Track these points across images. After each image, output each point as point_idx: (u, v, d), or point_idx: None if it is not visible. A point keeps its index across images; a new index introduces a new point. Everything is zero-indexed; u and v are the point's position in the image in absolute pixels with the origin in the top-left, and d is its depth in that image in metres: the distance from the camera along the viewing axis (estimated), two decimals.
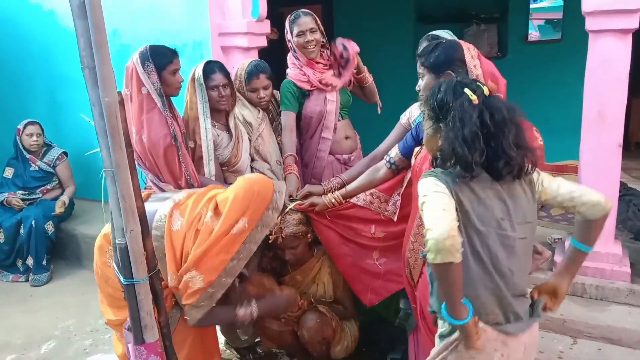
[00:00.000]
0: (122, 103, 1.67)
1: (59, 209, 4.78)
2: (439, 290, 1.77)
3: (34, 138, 4.80)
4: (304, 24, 3.19)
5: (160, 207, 2.47)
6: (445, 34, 2.93)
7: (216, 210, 2.41)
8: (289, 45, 3.30)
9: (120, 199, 1.68)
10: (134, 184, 1.72)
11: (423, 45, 2.70)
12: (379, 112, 3.58)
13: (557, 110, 5.76)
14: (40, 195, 4.86)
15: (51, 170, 4.91)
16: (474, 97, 1.76)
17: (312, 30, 3.21)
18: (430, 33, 2.94)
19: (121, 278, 1.80)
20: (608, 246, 3.48)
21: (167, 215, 2.41)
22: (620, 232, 3.90)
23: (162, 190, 2.92)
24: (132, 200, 1.70)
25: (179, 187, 2.88)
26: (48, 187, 4.92)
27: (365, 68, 3.42)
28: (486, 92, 1.81)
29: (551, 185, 1.89)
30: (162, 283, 2.29)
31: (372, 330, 3.18)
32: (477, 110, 1.75)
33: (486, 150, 1.74)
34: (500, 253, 1.78)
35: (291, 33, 3.23)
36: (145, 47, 2.82)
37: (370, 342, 3.18)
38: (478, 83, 1.84)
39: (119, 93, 1.65)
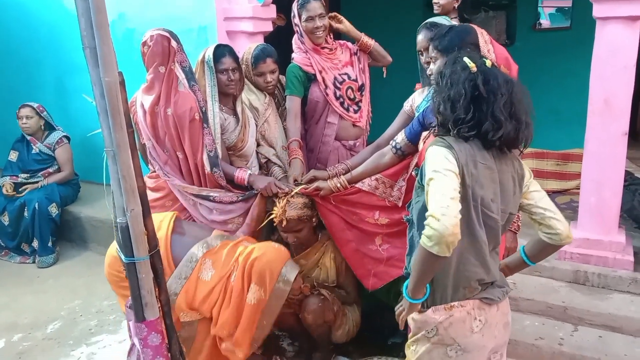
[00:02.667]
0: (122, 83, 1.69)
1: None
2: (413, 269, 1.82)
3: (24, 120, 4.81)
4: (312, 10, 3.17)
5: (193, 247, 2.57)
6: (444, 20, 2.91)
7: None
8: (296, 29, 3.28)
9: (121, 178, 1.70)
10: (135, 163, 1.74)
11: (421, 33, 2.67)
12: (385, 75, 3.57)
13: (565, 99, 5.70)
14: (42, 178, 4.88)
15: (51, 153, 4.93)
16: (471, 65, 1.81)
17: (321, 16, 3.19)
18: (428, 20, 2.91)
19: (122, 256, 1.82)
20: (611, 235, 3.48)
21: (199, 261, 2.51)
22: (624, 221, 3.89)
23: (168, 176, 2.97)
24: (133, 180, 1.72)
25: (194, 165, 2.93)
26: (50, 170, 4.94)
27: (362, 34, 3.39)
28: (488, 64, 1.84)
29: (535, 194, 1.96)
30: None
31: (373, 316, 3.20)
32: (470, 74, 1.79)
33: (474, 112, 1.78)
34: (483, 228, 1.84)
35: (299, 17, 3.21)
36: (163, 28, 2.86)
37: (371, 327, 3.20)
38: (483, 58, 1.87)
39: (120, 73, 1.66)
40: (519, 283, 3.45)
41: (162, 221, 2.62)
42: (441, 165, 1.73)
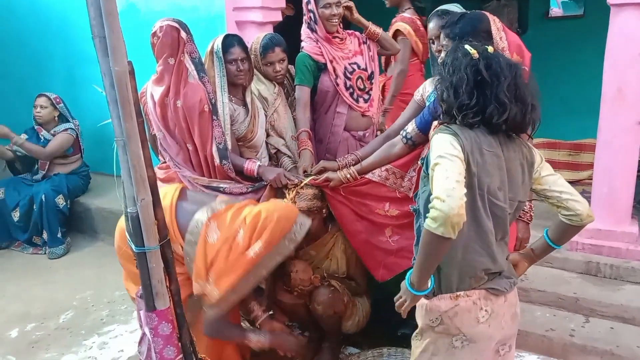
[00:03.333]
0: (132, 73, 1.68)
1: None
2: (418, 256, 1.78)
3: (38, 109, 4.86)
4: None
5: (197, 212, 2.49)
6: (455, 8, 2.87)
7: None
8: (309, 16, 3.24)
9: (131, 168, 1.69)
10: (145, 153, 1.73)
11: (433, 21, 2.64)
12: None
13: (576, 88, 5.66)
14: (26, 135, 4.87)
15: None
16: (472, 52, 1.79)
17: (337, 4, 3.17)
18: (439, 8, 2.87)
19: (133, 246, 1.82)
20: (624, 225, 3.45)
21: (204, 224, 2.44)
22: (637, 212, 3.85)
23: (179, 167, 2.97)
24: (143, 170, 1.71)
25: (204, 157, 2.93)
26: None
27: (370, 23, 3.36)
28: (490, 50, 1.83)
29: (548, 177, 1.92)
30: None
31: (383, 306, 3.20)
32: (472, 61, 1.78)
33: (478, 97, 1.76)
34: (490, 217, 1.82)
35: (315, 4, 3.18)
36: (173, 18, 2.85)
37: (381, 318, 3.20)
38: (485, 45, 1.85)
39: (130, 63, 1.65)
40: (530, 274, 3.43)
41: (167, 192, 2.58)
42: (446, 151, 1.71)
